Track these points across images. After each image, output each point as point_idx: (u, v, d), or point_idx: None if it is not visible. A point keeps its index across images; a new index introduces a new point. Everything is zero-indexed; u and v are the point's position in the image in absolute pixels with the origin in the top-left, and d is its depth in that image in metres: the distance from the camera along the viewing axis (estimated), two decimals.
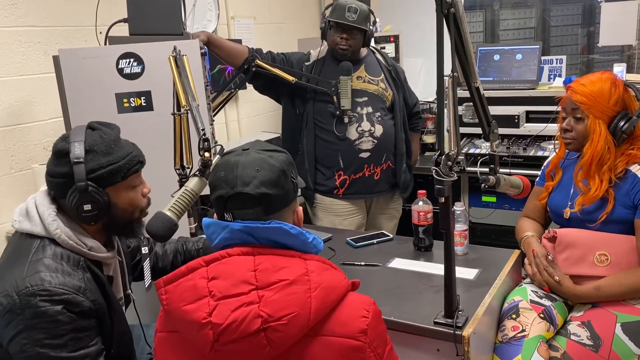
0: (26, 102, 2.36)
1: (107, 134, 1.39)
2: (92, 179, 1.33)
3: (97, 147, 1.35)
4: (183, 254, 1.80)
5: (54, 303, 1.24)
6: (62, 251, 1.33)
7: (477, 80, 1.68)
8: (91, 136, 1.36)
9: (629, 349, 1.62)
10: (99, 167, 1.34)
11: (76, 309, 1.27)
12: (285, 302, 1.04)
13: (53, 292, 1.24)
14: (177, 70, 1.75)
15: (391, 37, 3.56)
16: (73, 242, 1.34)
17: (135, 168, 1.41)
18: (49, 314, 1.23)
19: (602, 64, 3.85)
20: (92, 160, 1.33)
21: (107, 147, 1.36)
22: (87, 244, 1.37)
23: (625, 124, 1.72)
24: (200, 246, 1.81)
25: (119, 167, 1.37)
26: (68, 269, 1.31)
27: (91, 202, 1.33)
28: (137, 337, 1.68)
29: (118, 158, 1.37)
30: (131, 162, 1.40)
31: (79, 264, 1.34)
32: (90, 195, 1.32)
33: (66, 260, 1.32)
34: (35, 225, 1.34)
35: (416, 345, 1.55)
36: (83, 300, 1.28)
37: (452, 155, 1.40)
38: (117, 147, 1.38)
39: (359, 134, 2.50)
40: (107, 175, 1.35)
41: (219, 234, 1.15)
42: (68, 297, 1.25)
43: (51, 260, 1.30)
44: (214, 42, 2.41)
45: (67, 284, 1.27)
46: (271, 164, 1.15)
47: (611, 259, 1.72)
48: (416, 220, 2.01)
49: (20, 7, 2.31)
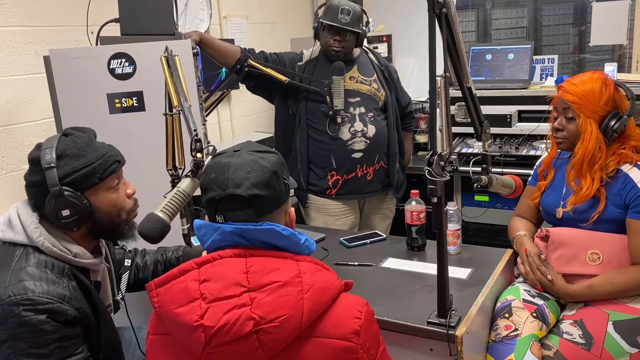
0: (17, 102, 2.34)
1: (80, 138, 1.36)
2: (67, 183, 1.30)
3: (70, 151, 1.32)
4: (163, 263, 1.79)
5: (37, 312, 1.21)
6: (46, 259, 1.30)
7: (469, 80, 1.69)
8: (63, 142, 1.34)
9: (621, 347, 1.62)
10: (73, 170, 1.31)
11: (60, 317, 1.24)
12: (278, 304, 1.04)
13: (36, 301, 1.22)
14: (169, 70, 1.74)
15: (384, 37, 3.57)
16: (57, 249, 1.31)
17: (112, 168, 1.38)
18: (32, 324, 1.21)
19: (593, 63, 3.87)
20: (65, 165, 1.31)
21: (79, 150, 1.34)
22: (72, 250, 1.35)
23: (616, 124, 1.73)
24: (180, 254, 1.81)
25: (93, 168, 1.34)
26: (52, 277, 1.28)
27: (69, 207, 1.30)
28: (129, 340, 1.66)
29: (92, 160, 1.34)
30: (106, 162, 1.37)
31: (64, 272, 1.31)
32: (67, 200, 1.30)
33: (50, 268, 1.30)
34: (18, 234, 1.32)
35: (409, 345, 1.55)
36: (68, 309, 1.26)
37: (445, 155, 1.40)
38: (91, 149, 1.35)
39: (352, 134, 2.50)
40: (82, 178, 1.32)
41: (210, 235, 1.14)
42: (52, 307, 1.23)
43: (35, 268, 1.27)
44: (206, 42, 2.40)
45: (51, 292, 1.24)
46: (263, 165, 1.15)
47: (603, 258, 1.73)
48: (409, 220, 2.01)
49: (11, 6, 2.29)
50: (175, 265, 1.72)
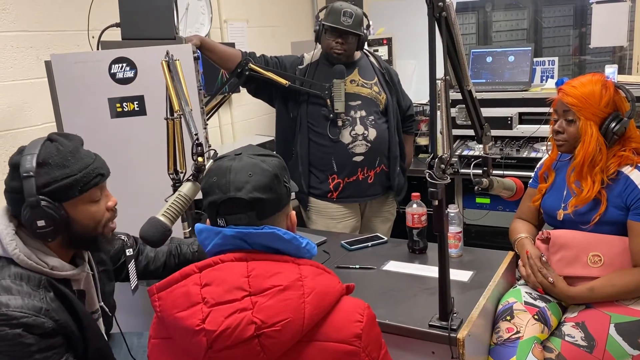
0: (18, 107, 2.35)
1: (65, 146, 1.31)
2: (45, 193, 1.25)
3: (52, 160, 1.27)
4: (177, 256, 1.77)
5: (12, 327, 1.19)
6: (22, 272, 1.27)
7: (469, 83, 1.69)
8: (46, 148, 1.29)
9: (623, 349, 1.62)
10: (53, 180, 1.26)
11: (37, 330, 1.22)
12: (279, 308, 1.04)
13: (11, 316, 1.19)
14: (169, 75, 1.75)
15: (384, 39, 3.57)
16: (33, 262, 1.27)
17: (94, 181, 1.33)
18: (9, 338, 1.19)
19: (594, 65, 3.87)
20: (45, 174, 1.26)
21: (62, 159, 1.28)
22: (49, 263, 1.30)
23: (616, 126, 1.73)
24: (195, 249, 1.79)
25: (74, 180, 1.29)
26: (28, 289, 1.25)
27: (45, 217, 1.26)
28: (123, 348, 1.64)
29: (74, 171, 1.29)
30: (89, 175, 1.32)
31: (41, 283, 1.28)
32: (44, 211, 1.25)
33: (26, 280, 1.26)
34: None
35: (411, 348, 1.55)
36: (44, 322, 1.23)
37: (445, 158, 1.40)
38: (75, 159, 1.30)
39: (353, 137, 2.50)
40: (62, 189, 1.28)
41: (212, 239, 1.15)
42: (27, 320, 1.20)
43: (10, 281, 1.24)
44: (207, 46, 2.41)
45: (25, 306, 1.21)
46: (264, 168, 1.15)
47: (604, 260, 1.73)
48: (410, 222, 2.01)
49: (12, 11, 2.30)
50: (191, 260, 1.73)
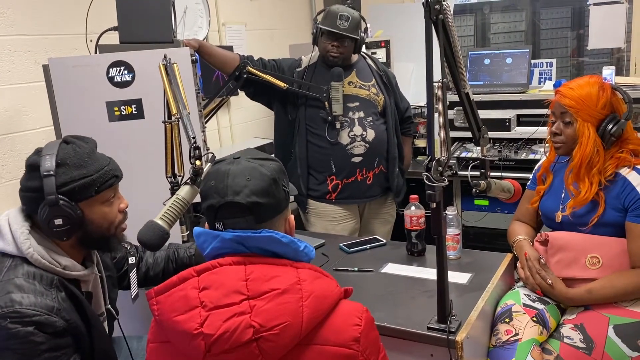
0: (16, 111, 2.35)
1: (81, 147, 1.35)
2: (63, 192, 1.29)
3: (70, 160, 1.31)
4: (175, 261, 1.78)
5: (25, 325, 1.21)
6: (34, 270, 1.29)
7: (466, 86, 1.69)
8: (64, 149, 1.33)
9: (622, 351, 1.62)
10: (70, 180, 1.30)
11: (49, 329, 1.24)
12: (277, 311, 1.04)
13: (24, 313, 1.21)
14: (167, 78, 1.75)
15: (382, 42, 3.57)
16: (46, 262, 1.30)
17: (109, 182, 1.38)
18: (20, 335, 1.20)
19: (591, 66, 3.88)
20: (63, 174, 1.30)
21: (79, 160, 1.33)
22: (61, 262, 1.33)
23: (613, 127, 1.73)
24: (192, 253, 1.80)
25: (91, 180, 1.33)
26: (41, 288, 1.27)
27: (62, 216, 1.30)
28: (123, 351, 1.65)
29: (91, 171, 1.34)
30: (105, 176, 1.36)
31: (53, 283, 1.30)
32: (61, 210, 1.29)
33: (39, 279, 1.29)
34: (7, 244, 1.31)
35: (410, 351, 1.55)
36: (56, 321, 1.25)
37: (443, 161, 1.40)
38: (91, 160, 1.35)
39: (351, 138, 2.51)
40: (79, 189, 1.31)
41: (210, 243, 1.15)
42: (40, 319, 1.22)
43: (23, 280, 1.27)
44: (205, 49, 2.41)
45: (38, 304, 1.23)
46: (262, 172, 1.15)
47: (603, 262, 1.73)
48: (408, 225, 2.01)
49: (9, 15, 2.30)
50: (188, 264, 1.73)
